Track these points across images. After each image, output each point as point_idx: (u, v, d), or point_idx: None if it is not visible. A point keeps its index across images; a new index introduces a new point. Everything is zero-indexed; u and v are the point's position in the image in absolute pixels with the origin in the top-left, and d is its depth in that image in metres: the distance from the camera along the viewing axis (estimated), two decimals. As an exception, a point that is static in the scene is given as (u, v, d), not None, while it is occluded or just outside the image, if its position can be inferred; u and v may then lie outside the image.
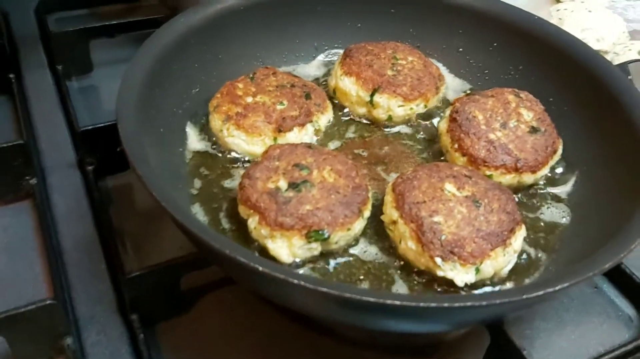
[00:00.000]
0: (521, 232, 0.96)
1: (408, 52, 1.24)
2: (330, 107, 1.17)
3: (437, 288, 0.93)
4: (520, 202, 1.07)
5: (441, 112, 1.20)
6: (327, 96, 1.19)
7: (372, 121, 1.21)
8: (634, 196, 0.95)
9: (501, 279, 0.95)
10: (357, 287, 0.90)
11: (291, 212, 0.91)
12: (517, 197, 1.08)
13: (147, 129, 0.98)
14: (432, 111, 1.23)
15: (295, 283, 0.71)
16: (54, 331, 0.94)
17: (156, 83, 1.05)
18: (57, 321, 0.94)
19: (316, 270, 0.94)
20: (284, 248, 0.92)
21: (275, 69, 1.20)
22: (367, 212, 0.98)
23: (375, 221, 1.01)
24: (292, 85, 1.15)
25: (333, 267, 0.95)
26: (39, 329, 0.93)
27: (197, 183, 1.06)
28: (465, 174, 1.00)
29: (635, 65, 1.22)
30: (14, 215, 1.16)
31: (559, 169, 1.12)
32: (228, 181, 1.07)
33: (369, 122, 1.21)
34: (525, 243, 1.00)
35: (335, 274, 0.94)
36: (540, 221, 1.06)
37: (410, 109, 1.18)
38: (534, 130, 1.09)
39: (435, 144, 1.16)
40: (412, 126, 1.21)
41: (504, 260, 0.93)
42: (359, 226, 0.96)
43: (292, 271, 0.84)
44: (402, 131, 1.20)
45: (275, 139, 1.09)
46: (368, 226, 0.99)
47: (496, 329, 0.96)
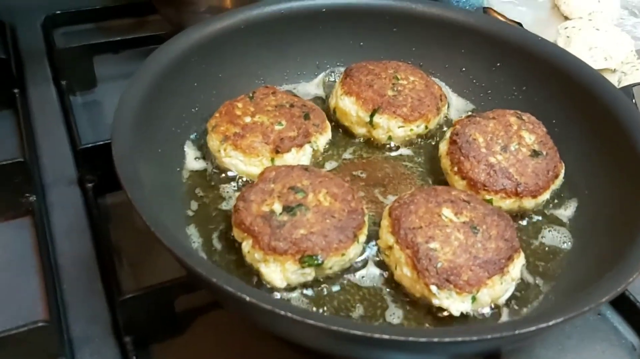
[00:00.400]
0: (520, 260, 0.94)
1: (410, 71, 1.23)
2: (329, 127, 1.16)
3: (434, 315, 0.91)
4: (521, 227, 1.06)
5: (443, 132, 1.19)
6: (327, 116, 1.18)
7: (372, 142, 1.19)
8: (636, 223, 0.93)
9: (498, 308, 0.93)
10: (345, 319, 0.88)
11: (285, 236, 0.90)
12: (518, 222, 1.06)
13: (143, 149, 0.98)
14: (434, 131, 1.22)
15: (282, 314, 0.70)
16: (47, 352, 0.93)
17: (155, 102, 1.05)
18: (50, 342, 0.93)
19: (310, 295, 0.93)
20: (277, 273, 0.91)
21: (275, 89, 1.19)
22: (362, 237, 0.96)
23: (371, 246, 0.99)
24: (292, 105, 1.14)
25: (327, 293, 0.94)
26: (31, 351, 0.92)
27: (194, 204, 1.06)
28: (463, 198, 0.98)
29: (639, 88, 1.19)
30: (14, 232, 1.16)
31: (560, 194, 1.11)
32: (225, 202, 1.06)
33: (368, 142, 1.20)
34: (524, 270, 0.98)
35: (330, 300, 0.93)
36: (541, 246, 1.04)
37: (411, 130, 1.17)
38: (535, 154, 1.08)
39: (436, 166, 1.14)
40: (413, 147, 1.20)
41: (502, 289, 0.91)
42: (354, 251, 0.95)
43: (279, 301, 0.83)
44: (402, 152, 1.19)
45: (272, 160, 1.08)
46: (363, 250, 0.98)
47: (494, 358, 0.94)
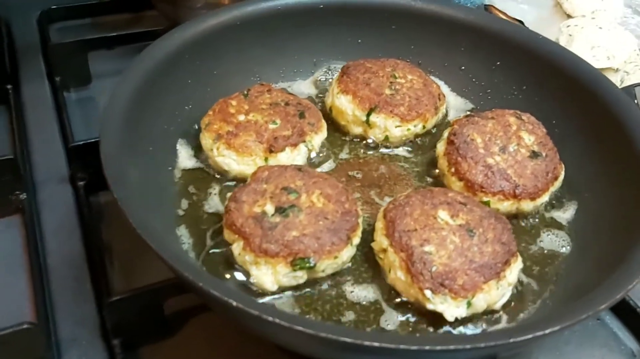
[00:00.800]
0: (517, 264, 0.92)
1: (408, 70, 1.21)
2: (324, 126, 1.14)
3: (429, 320, 0.89)
4: (519, 230, 1.03)
5: (441, 132, 1.17)
6: (323, 115, 1.16)
7: (368, 142, 1.17)
8: (636, 227, 0.91)
9: (494, 313, 0.90)
10: (335, 326, 0.86)
11: (276, 238, 0.88)
12: (515, 225, 1.04)
13: (133, 148, 0.96)
14: (432, 131, 1.20)
15: (270, 320, 0.68)
16: (33, 354, 0.92)
17: (146, 99, 1.03)
18: (36, 344, 0.91)
19: (301, 299, 0.91)
20: (268, 276, 0.89)
21: (270, 86, 1.17)
22: (356, 239, 0.94)
23: (366, 248, 0.97)
24: (287, 104, 1.12)
25: (319, 296, 0.92)
26: (17, 352, 0.90)
27: (185, 204, 1.04)
28: (460, 200, 0.96)
29: (642, 88, 1.17)
30: (3, 230, 1.14)
31: (560, 196, 1.08)
32: (217, 202, 1.04)
33: (365, 142, 1.17)
34: (521, 274, 0.96)
35: (322, 304, 0.91)
36: (539, 250, 1.01)
37: (408, 129, 1.14)
38: (534, 155, 1.05)
39: (433, 167, 1.12)
40: (410, 147, 1.17)
41: (498, 293, 0.89)
42: (347, 253, 0.93)
43: (267, 306, 0.81)
44: (399, 152, 1.16)
45: (266, 159, 1.06)
46: (358, 253, 0.96)
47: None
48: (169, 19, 1.47)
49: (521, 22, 1.63)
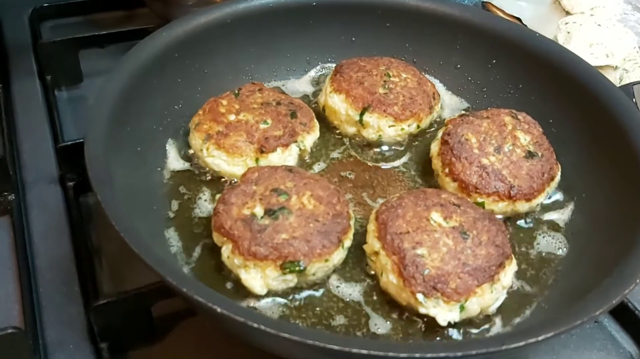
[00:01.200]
0: (511, 267, 0.90)
1: (402, 68, 1.19)
2: (317, 126, 1.12)
3: (421, 325, 0.88)
4: (513, 232, 1.02)
5: (435, 132, 1.15)
6: (315, 114, 1.14)
7: (361, 141, 1.15)
8: (634, 229, 0.89)
9: (488, 317, 0.89)
10: (322, 332, 0.84)
11: (265, 241, 0.86)
12: (510, 226, 1.02)
13: (120, 148, 0.94)
14: (426, 131, 1.18)
15: (255, 326, 0.66)
16: (19, 358, 0.90)
17: (134, 99, 1.01)
18: (22, 348, 0.90)
19: (290, 302, 0.89)
20: (258, 279, 0.87)
21: (262, 85, 1.15)
22: (347, 242, 0.93)
23: (358, 251, 0.96)
24: (278, 103, 1.10)
25: (309, 300, 0.90)
26: (2, 356, 0.89)
27: (174, 205, 1.02)
28: (453, 202, 0.94)
29: (640, 87, 1.15)
30: (-8, 231, 1.13)
31: (556, 197, 1.06)
32: (206, 204, 1.02)
33: (358, 142, 1.15)
34: (517, 277, 0.94)
35: (311, 308, 0.89)
36: (535, 252, 1.00)
37: (402, 129, 1.12)
38: (530, 155, 1.03)
39: (428, 167, 1.10)
40: (404, 147, 1.15)
41: (492, 297, 0.87)
42: (338, 256, 0.91)
43: (253, 312, 0.79)
44: (392, 152, 1.14)
45: (257, 160, 1.04)
46: (350, 255, 0.94)
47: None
48: (161, 17, 1.45)
49: (519, 20, 1.61)
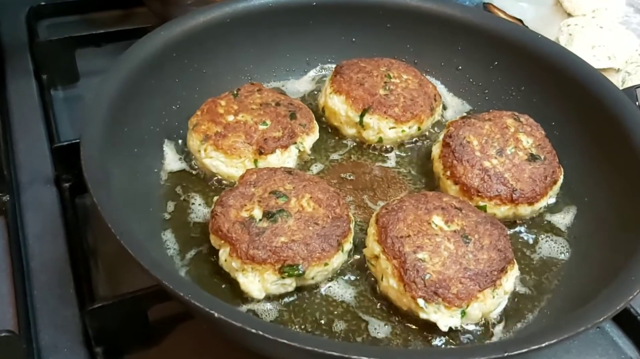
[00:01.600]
0: (513, 272, 0.89)
1: (403, 69, 1.18)
2: (316, 127, 1.10)
3: (421, 329, 0.86)
4: (516, 236, 1.00)
5: (437, 134, 1.13)
6: (315, 115, 1.12)
7: (361, 143, 1.14)
8: (638, 233, 0.88)
9: (490, 323, 0.87)
10: (320, 338, 0.83)
11: (264, 244, 0.85)
12: (513, 230, 1.01)
13: (117, 149, 0.93)
14: (427, 132, 1.16)
15: (253, 332, 0.65)
16: (12, 361, 0.89)
17: (131, 99, 0.99)
18: (15, 352, 0.88)
19: (289, 307, 0.88)
20: (256, 283, 0.86)
21: (261, 86, 1.14)
22: (347, 245, 0.91)
23: (358, 254, 0.94)
24: (277, 104, 1.09)
25: (308, 305, 0.89)
26: (-5, 360, 0.87)
27: (171, 207, 1.00)
28: (455, 205, 0.93)
29: (643, 89, 1.14)
30: (-14, 233, 1.11)
31: (559, 200, 1.05)
32: (204, 206, 1.01)
33: (358, 144, 1.14)
34: (519, 282, 0.93)
35: (311, 313, 0.88)
36: (537, 257, 0.98)
37: (403, 131, 1.11)
38: (532, 158, 1.02)
39: (429, 170, 1.09)
40: (405, 149, 1.14)
41: (494, 302, 0.86)
42: (338, 260, 0.90)
43: (250, 317, 0.77)
44: (393, 154, 1.13)
45: (255, 161, 1.03)
46: (349, 259, 0.93)
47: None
48: (159, 16, 1.44)
49: (520, 21, 1.60)
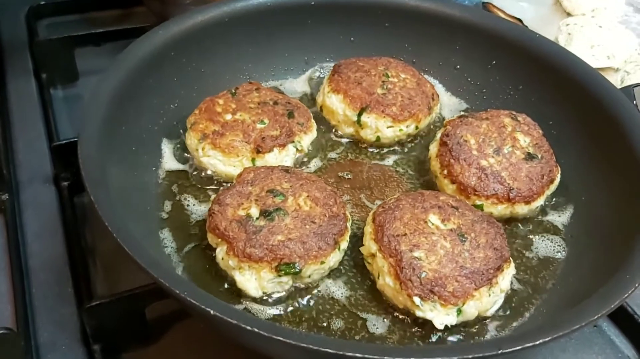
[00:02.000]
0: (509, 270, 0.89)
1: (401, 69, 1.18)
2: (314, 126, 1.11)
3: (418, 327, 0.86)
4: (512, 235, 1.00)
5: (434, 133, 1.13)
6: (313, 115, 1.13)
7: (359, 142, 1.14)
8: (634, 232, 0.87)
9: (486, 321, 0.87)
10: (316, 335, 0.83)
11: (261, 242, 0.85)
12: (509, 229, 1.01)
13: (115, 148, 0.93)
14: (425, 132, 1.16)
15: (249, 329, 0.65)
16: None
17: (129, 98, 1.00)
18: (13, 350, 0.88)
19: (286, 305, 0.88)
20: (252, 281, 0.86)
21: (259, 85, 1.14)
22: (344, 244, 0.91)
23: (354, 252, 0.94)
24: (275, 103, 1.09)
25: (306, 302, 0.89)
26: (-6, 357, 0.88)
27: (168, 206, 1.01)
28: (451, 204, 0.93)
29: (641, 89, 1.14)
30: (-15, 231, 1.11)
31: (556, 199, 1.05)
32: (202, 204, 1.01)
33: (356, 143, 1.14)
34: (515, 280, 0.93)
35: (308, 310, 0.88)
36: (534, 255, 0.99)
37: (400, 130, 1.11)
38: (530, 157, 1.02)
39: (426, 169, 1.09)
40: (402, 148, 1.14)
41: (489, 301, 0.86)
42: (335, 258, 0.90)
43: (246, 314, 0.77)
44: (391, 153, 1.13)
45: (253, 160, 1.03)
46: (346, 257, 0.93)
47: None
48: (158, 16, 1.44)
49: (520, 21, 1.60)
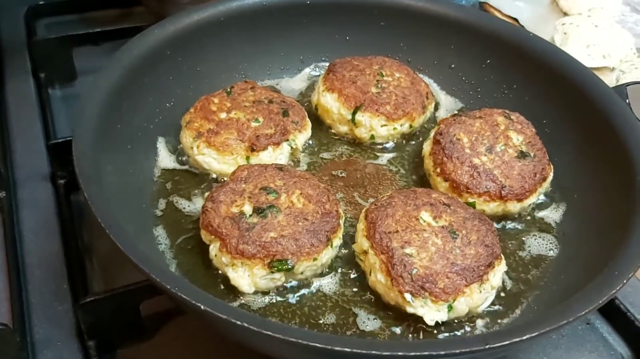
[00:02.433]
0: (501, 267, 0.90)
1: (396, 67, 1.18)
2: (309, 125, 1.12)
3: (409, 324, 0.87)
4: (504, 233, 1.01)
5: (428, 132, 1.14)
6: (308, 113, 1.13)
7: (354, 141, 1.15)
8: (625, 229, 0.88)
9: (477, 318, 0.88)
10: (305, 330, 0.84)
11: (253, 239, 0.86)
12: (502, 226, 1.01)
13: (110, 146, 0.94)
14: (419, 130, 1.17)
15: (238, 324, 0.66)
16: (6, 355, 0.90)
17: (124, 96, 1.01)
18: (9, 345, 0.89)
19: (279, 301, 0.89)
20: (245, 278, 0.87)
21: (254, 83, 1.15)
22: (337, 241, 0.92)
23: (347, 250, 0.95)
24: (270, 101, 1.10)
25: (298, 299, 0.90)
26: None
27: (163, 204, 1.01)
28: (443, 201, 0.94)
29: (633, 88, 1.14)
30: (-17, 229, 1.12)
31: (548, 197, 1.06)
32: (196, 202, 1.02)
33: (350, 141, 1.15)
34: (506, 277, 0.94)
35: (300, 307, 0.89)
36: (526, 253, 0.99)
37: (394, 128, 1.12)
38: (522, 155, 1.03)
39: (420, 167, 1.10)
40: (396, 147, 1.15)
41: (480, 297, 0.86)
42: (327, 255, 0.90)
43: (236, 310, 0.78)
44: (385, 151, 1.14)
45: (248, 158, 1.04)
46: (339, 254, 0.94)
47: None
48: (156, 15, 1.44)
49: (516, 20, 1.61)
